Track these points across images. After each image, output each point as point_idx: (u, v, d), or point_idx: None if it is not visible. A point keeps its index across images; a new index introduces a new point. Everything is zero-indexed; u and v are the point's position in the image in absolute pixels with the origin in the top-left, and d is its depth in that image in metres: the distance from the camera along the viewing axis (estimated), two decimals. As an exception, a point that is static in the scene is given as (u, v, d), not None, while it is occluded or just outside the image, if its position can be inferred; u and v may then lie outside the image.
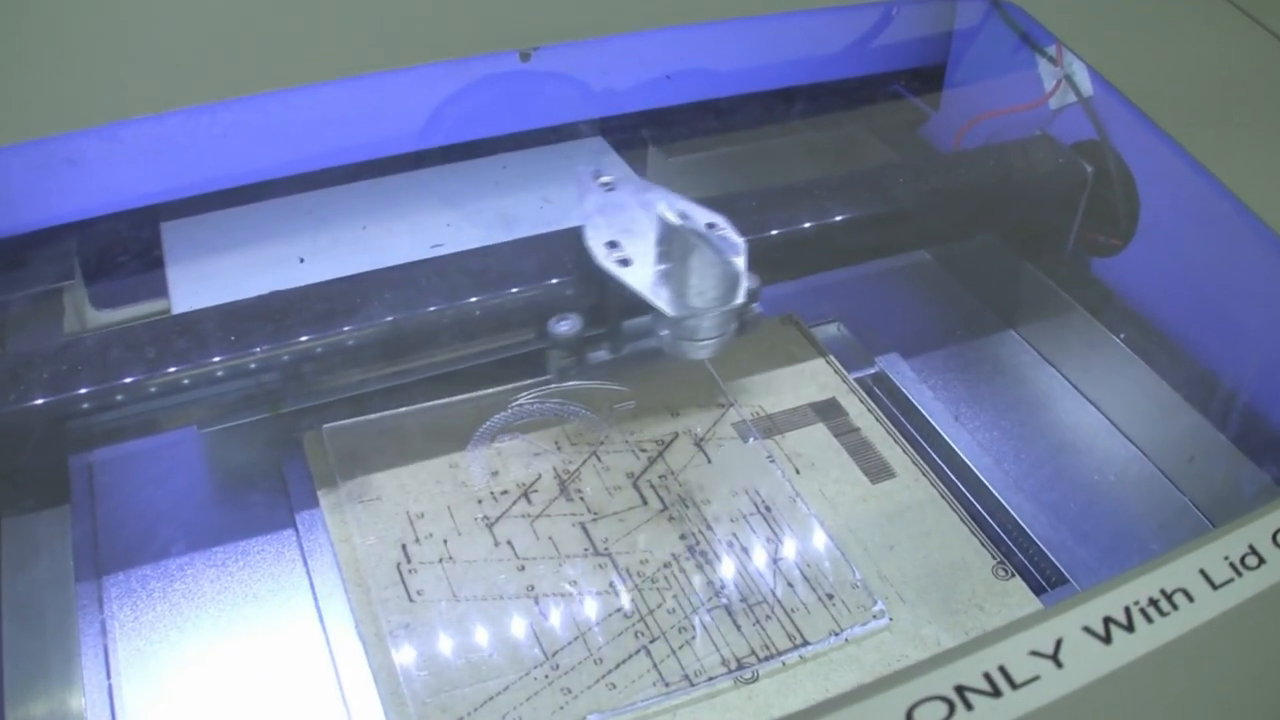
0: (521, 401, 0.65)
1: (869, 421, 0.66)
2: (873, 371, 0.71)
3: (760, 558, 0.57)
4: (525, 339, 0.59)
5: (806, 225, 0.65)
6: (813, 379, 0.69)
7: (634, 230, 0.57)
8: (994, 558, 0.58)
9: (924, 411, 0.68)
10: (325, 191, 0.71)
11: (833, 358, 0.70)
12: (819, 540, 0.59)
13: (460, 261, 0.60)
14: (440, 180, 0.73)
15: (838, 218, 0.66)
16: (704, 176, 0.80)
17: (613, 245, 0.56)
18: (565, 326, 0.58)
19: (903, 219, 0.68)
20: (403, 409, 0.63)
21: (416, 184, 0.72)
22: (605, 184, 0.60)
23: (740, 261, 0.55)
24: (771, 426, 0.65)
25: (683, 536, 0.58)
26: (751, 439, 0.64)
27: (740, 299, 0.55)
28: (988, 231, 0.75)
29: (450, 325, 0.58)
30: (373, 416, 0.62)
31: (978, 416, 0.69)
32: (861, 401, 0.67)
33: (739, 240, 0.57)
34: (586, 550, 0.57)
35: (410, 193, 0.72)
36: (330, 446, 0.61)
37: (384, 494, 0.59)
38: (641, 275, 0.56)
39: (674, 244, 0.54)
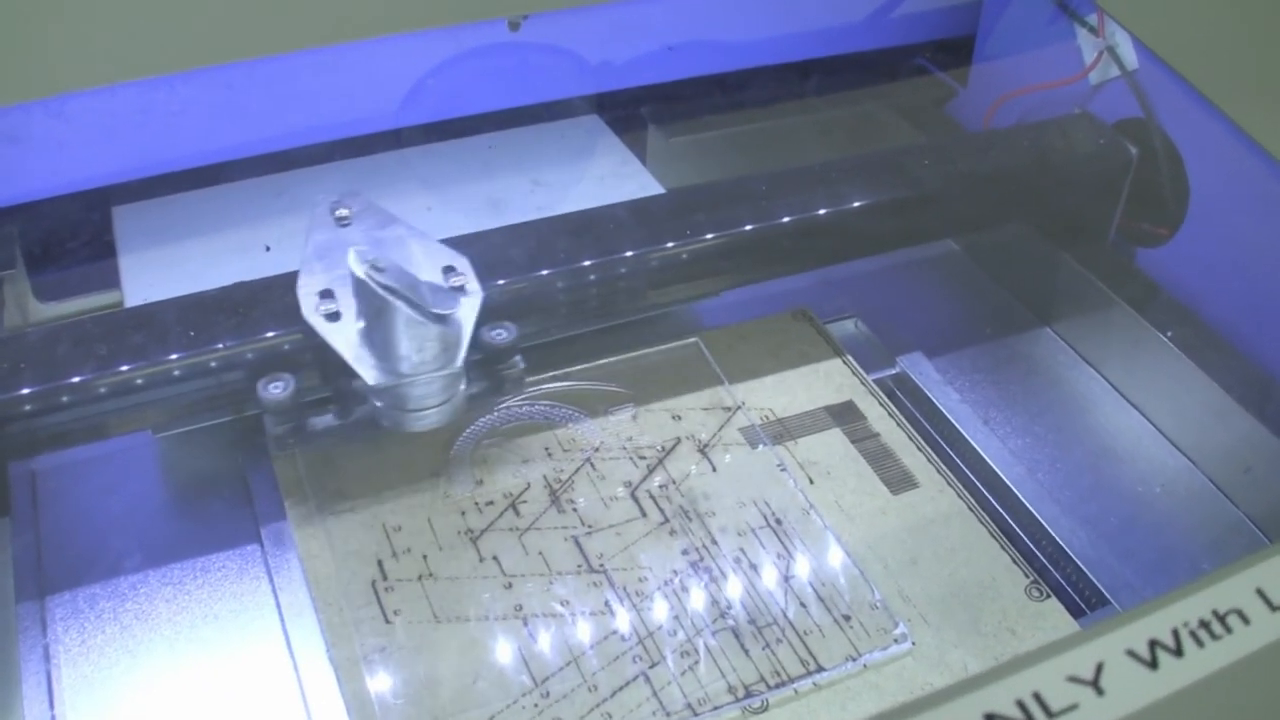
0: (509, 404, 0.65)
1: (889, 426, 0.65)
2: (894, 372, 0.70)
3: (770, 575, 0.57)
4: (234, 404, 0.57)
5: (821, 212, 0.65)
6: (828, 380, 0.68)
7: (348, 278, 0.54)
8: (1027, 576, 0.58)
9: (950, 416, 0.67)
10: (294, 173, 0.70)
11: (850, 357, 0.70)
12: (835, 557, 0.58)
13: (161, 313, 0.56)
14: (421, 161, 0.73)
15: (855, 204, 0.65)
16: (708, 158, 0.80)
17: (326, 296, 0.54)
18: (277, 389, 0.55)
19: (927, 205, 0.68)
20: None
21: (395, 165, 0.72)
22: (341, 218, 0.58)
23: (464, 315, 0.53)
24: (783, 431, 0.65)
25: (685, 552, 0.58)
26: (761, 445, 0.64)
27: (458, 362, 0.53)
28: (1021, 219, 0.74)
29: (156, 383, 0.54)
30: (344, 423, 0.61)
31: (1009, 421, 0.68)
32: (881, 405, 0.67)
33: (474, 288, 0.55)
34: (580, 567, 0.57)
35: (388, 174, 0.72)
36: (300, 455, 0.61)
37: (358, 505, 0.59)
38: (347, 333, 0.54)
39: (369, 300, 0.52)
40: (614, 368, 0.67)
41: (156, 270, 0.63)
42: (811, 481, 0.62)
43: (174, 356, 0.55)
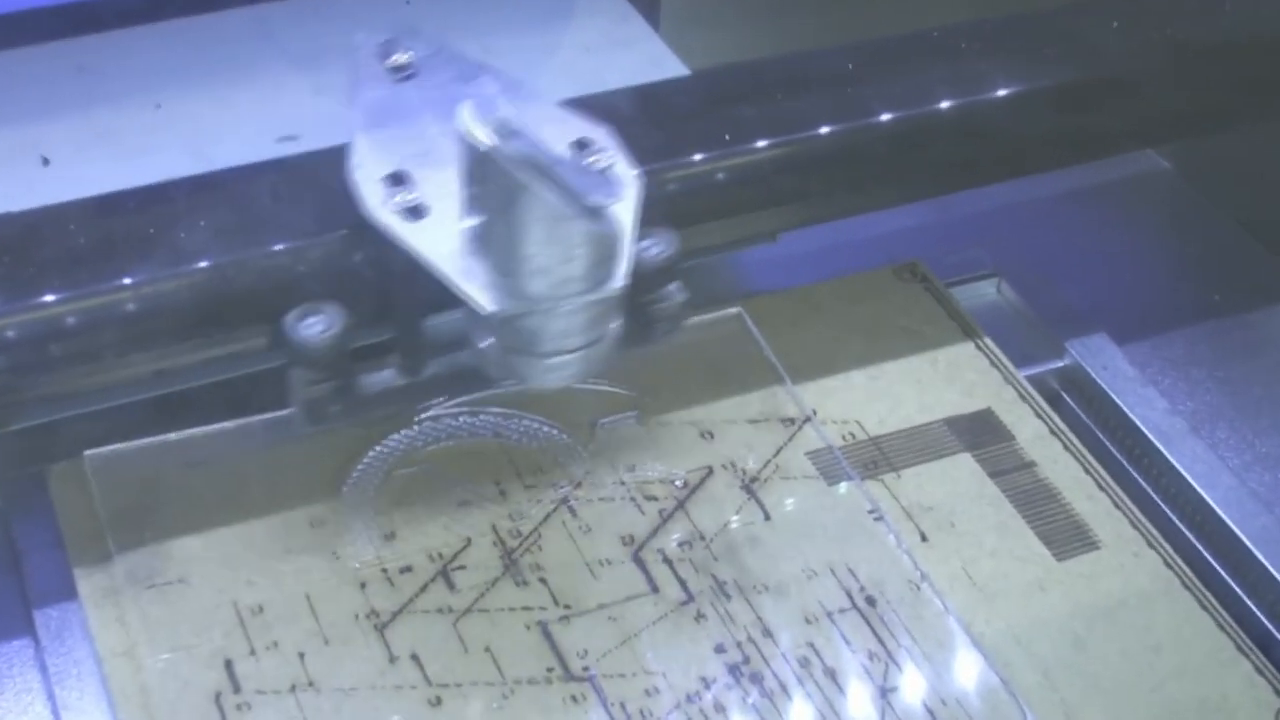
0: (437, 413, 0.64)
1: (1052, 451, 0.65)
2: (1061, 365, 0.70)
3: (858, 692, 0.56)
4: (245, 349, 0.57)
5: (942, 106, 0.64)
6: (953, 376, 0.67)
7: (436, 155, 0.55)
8: (1279, 693, 0.57)
9: (1151, 435, 0.66)
10: (93, 40, 0.70)
11: (989, 340, 0.69)
12: (964, 660, 0.57)
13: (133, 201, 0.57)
14: (294, 21, 0.73)
15: (999, 92, 0.65)
16: (756, 19, 0.79)
17: (396, 181, 0.54)
18: (313, 328, 0.55)
19: (1117, 93, 0.66)
20: (226, 423, 0.62)
21: (251, 28, 0.72)
22: (399, 66, 0.58)
23: (624, 212, 0.53)
24: (879, 458, 0.64)
25: (721, 649, 0.57)
26: (844, 481, 0.63)
27: (617, 281, 0.53)
28: (1273, 119, 0.73)
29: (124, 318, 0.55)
30: (173, 437, 0.61)
31: (1249, 445, 0.68)
32: (1039, 416, 0.66)
33: (625, 173, 0.54)
34: (551, 671, 0.56)
35: (242, 44, 0.71)
36: (98, 489, 0.60)
37: (192, 572, 0.58)
38: (442, 237, 0.53)
39: (493, 183, 0.51)
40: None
41: None
42: (925, 539, 0.61)
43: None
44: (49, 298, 0.55)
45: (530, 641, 0.57)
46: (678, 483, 0.62)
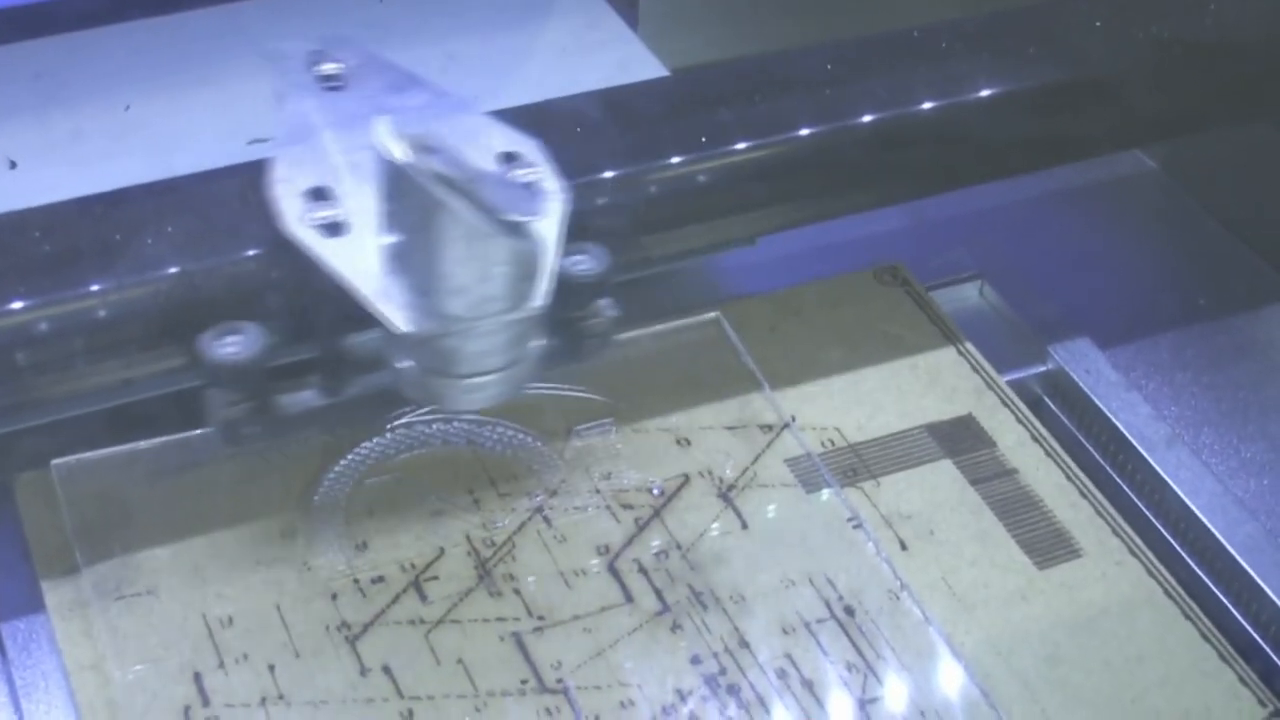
0: (409, 420, 0.64)
1: (1035, 458, 0.65)
2: (1044, 369, 0.70)
3: (838, 702, 0.56)
4: (163, 368, 0.56)
5: (923, 106, 0.64)
6: (933, 381, 0.67)
7: (360, 169, 0.53)
8: (1264, 703, 0.57)
9: (1135, 441, 0.66)
10: (59, 40, 0.70)
11: (970, 345, 0.69)
12: (944, 671, 0.57)
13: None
14: (267, 20, 0.72)
15: (981, 92, 0.64)
16: (737, 19, 0.78)
17: (317, 196, 0.53)
18: (230, 347, 0.53)
19: (1102, 95, 0.66)
20: (195, 430, 0.61)
21: (223, 27, 0.72)
22: (328, 76, 0.57)
23: (548, 228, 0.53)
24: (858, 465, 0.64)
25: (697, 660, 0.57)
26: (824, 488, 0.63)
27: (538, 300, 0.52)
28: (1265, 117, 0.73)
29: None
30: (142, 445, 0.61)
31: (1234, 451, 0.68)
32: (1021, 422, 0.66)
33: (551, 187, 0.54)
34: (525, 683, 0.56)
35: (212, 43, 0.71)
36: (65, 498, 0.60)
37: (162, 584, 0.58)
38: (360, 255, 0.52)
39: (410, 199, 0.51)
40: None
41: None
42: (905, 547, 0.61)
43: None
44: (95, 286, 0.55)
45: (504, 653, 0.57)
46: (654, 491, 0.62)
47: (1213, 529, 0.63)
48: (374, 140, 0.51)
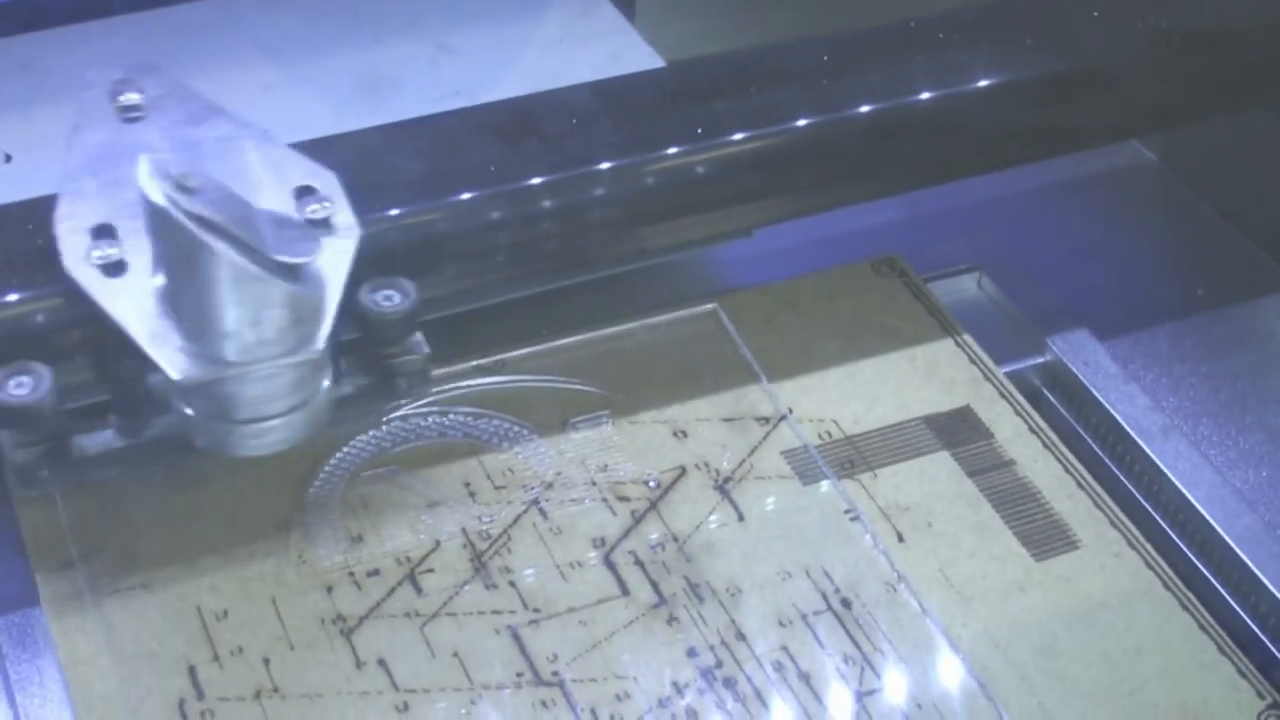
0: (407, 413, 0.64)
1: (1032, 450, 0.64)
2: (1042, 361, 0.70)
3: (836, 695, 0.56)
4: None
5: (921, 97, 0.64)
6: (931, 373, 0.67)
7: (138, 208, 0.51)
8: (1262, 695, 0.57)
9: (1133, 433, 0.66)
10: (54, 34, 0.70)
11: (968, 337, 0.69)
12: (942, 663, 0.57)
13: None
14: (260, 13, 0.73)
15: (978, 83, 0.64)
16: (734, 10, 0.78)
17: (101, 234, 0.52)
18: (21, 389, 0.52)
19: (1100, 85, 0.66)
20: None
21: (217, 20, 0.72)
22: (128, 108, 0.56)
23: (334, 267, 0.52)
24: (855, 457, 0.64)
25: (694, 653, 0.57)
26: (821, 480, 0.63)
27: (318, 343, 0.51)
28: (1266, 106, 0.73)
29: None
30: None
31: (1235, 443, 0.67)
32: (1019, 414, 0.66)
33: (343, 222, 0.53)
34: (521, 676, 0.56)
35: (208, 35, 0.71)
36: (60, 492, 0.60)
37: (155, 577, 0.58)
38: (138, 296, 0.51)
39: (174, 240, 0.49)
40: (579, 352, 0.66)
41: None
42: (902, 539, 0.61)
43: None
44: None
45: (499, 646, 0.57)
46: (650, 483, 0.62)
47: (1211, 520, 0.63)
48: (140, 175, 0.50)
